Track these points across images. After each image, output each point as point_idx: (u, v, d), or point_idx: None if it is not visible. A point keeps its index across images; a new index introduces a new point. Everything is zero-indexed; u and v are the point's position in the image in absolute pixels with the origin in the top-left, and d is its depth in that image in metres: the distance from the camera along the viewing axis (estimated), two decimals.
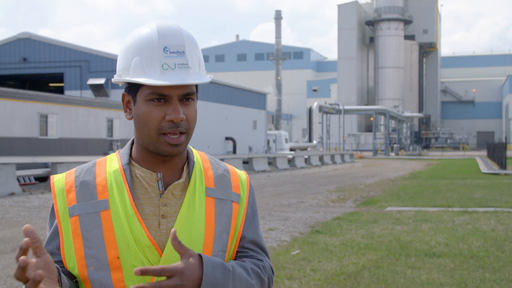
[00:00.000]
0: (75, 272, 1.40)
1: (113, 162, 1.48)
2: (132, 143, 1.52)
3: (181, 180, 1.46)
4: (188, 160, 1.52)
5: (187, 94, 1.39)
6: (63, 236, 1.41)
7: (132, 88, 1.42)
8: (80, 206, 1.41)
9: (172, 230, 1.28)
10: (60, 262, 1.42)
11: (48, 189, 17.12)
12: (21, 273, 1.14)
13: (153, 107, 1.38)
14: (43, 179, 19.64)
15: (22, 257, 1.13)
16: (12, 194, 15.54)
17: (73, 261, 1.40)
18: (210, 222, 1.44)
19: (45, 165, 20.17)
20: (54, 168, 17.93)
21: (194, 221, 1.43)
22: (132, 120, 1.46)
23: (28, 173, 18.55)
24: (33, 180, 19.01)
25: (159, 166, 1.46)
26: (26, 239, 1.16)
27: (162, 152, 1.41)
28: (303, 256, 7.22)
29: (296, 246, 7.96)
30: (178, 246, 1.29)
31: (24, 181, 18.61)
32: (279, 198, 14.91)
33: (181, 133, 1.40)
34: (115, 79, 1.46)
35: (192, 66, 1.39)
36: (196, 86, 1.44)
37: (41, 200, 14.11)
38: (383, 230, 9.31)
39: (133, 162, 1.47)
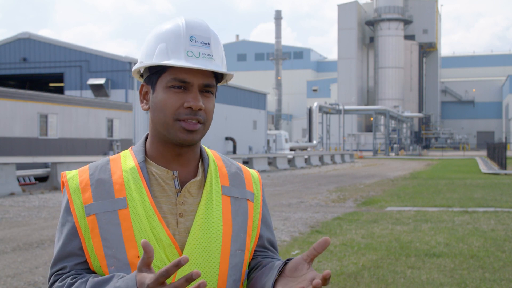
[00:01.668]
0: (101, 271, 1.37)
1: (128, 160, 1.45)
2: (146, 139, 1.50)
3: (198, 178, 1.45)
4: (202, 157, 1.50)
5: (207, 85, 1.40)
6: (84, 236, 1.38)
7: (153, 77, 1.41)
8: (97, 205, 1.38)
9: (325, 239, 1.24)
10: (83, 264, 1.39)
11: (48, 189, 17.12)
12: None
13: (173, 94, 1.37)
14: (43, 179, 19.63)
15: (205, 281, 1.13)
16: (12, 194, 15.54)
17: (97, 261, 1.36)
18: (227, 221, 1.44)
19: (45, 165, 20.17)
20: (54, 168, 17.92)
21: (213, 220, 1.42)
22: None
23: (28, 173, 18.55)
24: (33, 180, 19.01)
25: (173, 162, 1.44)
26: (194, 273, 1.12)
27: (176, 139, 1.39)
28: None
29: (296, 246, 7.95)
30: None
31: (24, 181, 18.60)
32: (279, 198, 14.90)
33: (198, 122, 1.39)
34: (137, 65, 1.45)
35: (215, 58, 1.40)
36: (216, 84, 1.45)
37: (41, 200, 14.11)
38: (383, 230, 9.30)
39: (148, 159, 1.45)
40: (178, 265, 1.13)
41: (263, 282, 1.37)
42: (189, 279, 1.11)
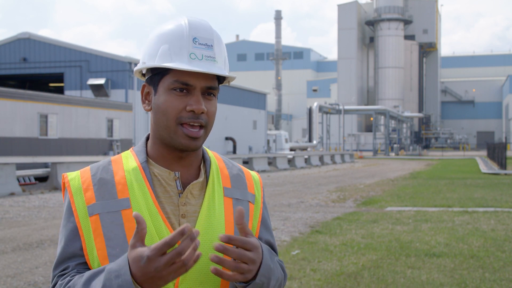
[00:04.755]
0: None
1: (130, 160, 1.44)
2: (147, 140, 1.48)
3: (200, 179, 1.44)
4: (204, 159, 1.49)
5: (210, 88, 1.38)
6: (85, 236, 1.36)
7: (155, 78, 1.40)
8: (100, 205, 1.37)
9: (239, 208, 1.28)
10: (84, 264, 1.37)
11: (48, 189, 17.11)
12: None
13: (175, 96, 1.36)
14: (43, 179, 19.63)
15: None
16: (12, 194, 15.53)
17: (97, 262, 1.35)
18: (229, 223, 1.43)
19: (45, 165, 20.17)
20: (54, 168, 17.90)
21: (215, 222, 1.41)
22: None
23: (28, 173, 18.54)
24: (33, 180, 19.01)
25: (175, 163, 1.43)
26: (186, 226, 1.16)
27: (178, 145, 1.38)
28: (303, 256, 7.22)
29: (296, 246, 7.95)
30: (245, 226, 1.30)
31: (24, 181, 18.60)
32: (279, 198, 14.90)
33: (200, 126, 1.38)
34: (139, 66, 1.43)
35: (218, 61, 1.39)
36: (218, 86, 1.43)
37: (41, 200, 14.11)
38: (383, 230, 9.30)
39: (150, 160, 1.44)
40: (182, 233, 1.15)
41: None
42: (182, 233, 1.16)
